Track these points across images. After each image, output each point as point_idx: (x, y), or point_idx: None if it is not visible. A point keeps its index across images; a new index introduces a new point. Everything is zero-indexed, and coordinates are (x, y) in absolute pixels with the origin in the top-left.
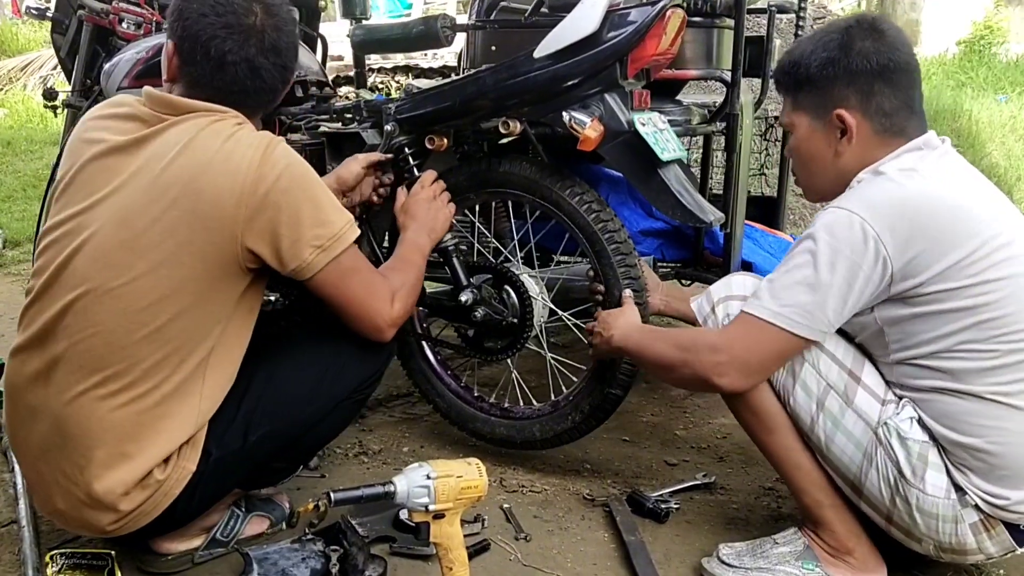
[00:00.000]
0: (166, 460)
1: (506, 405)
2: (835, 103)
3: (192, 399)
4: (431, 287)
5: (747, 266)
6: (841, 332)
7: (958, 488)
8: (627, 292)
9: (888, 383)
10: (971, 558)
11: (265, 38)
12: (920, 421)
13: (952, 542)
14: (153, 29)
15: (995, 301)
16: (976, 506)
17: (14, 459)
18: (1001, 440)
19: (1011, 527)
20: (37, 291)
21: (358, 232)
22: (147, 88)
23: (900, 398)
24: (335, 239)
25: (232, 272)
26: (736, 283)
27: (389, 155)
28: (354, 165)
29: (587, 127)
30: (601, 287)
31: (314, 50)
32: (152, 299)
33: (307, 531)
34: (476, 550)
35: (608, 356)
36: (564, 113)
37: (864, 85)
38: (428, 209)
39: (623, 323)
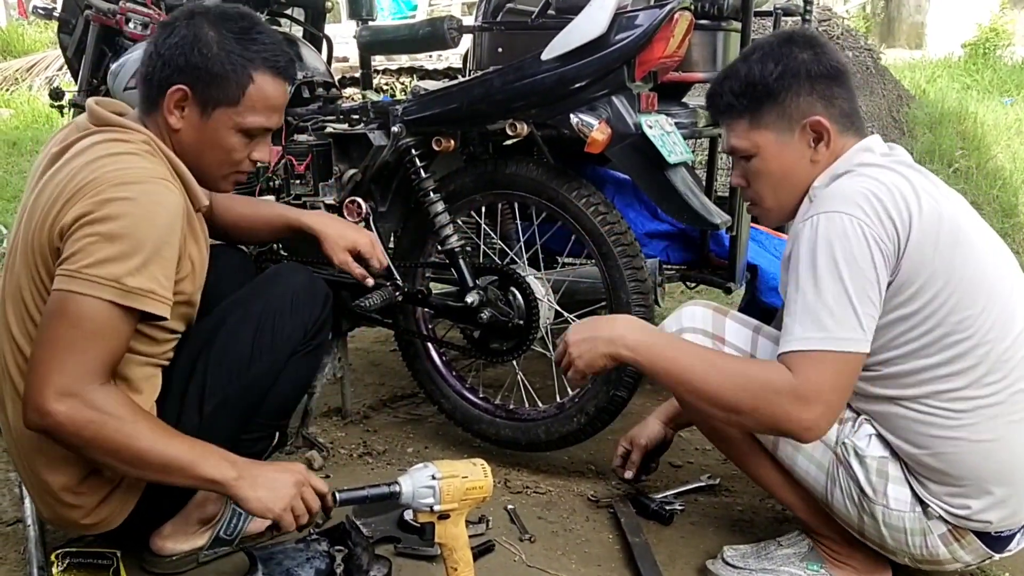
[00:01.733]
0: None
1: (511, 407)
2: (803, 112)
3: None
4: (437, 288)
5: (752, 268)
6: None
7: (921, 501)
8: None
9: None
10: (948, 567)
11: (167, 25)
12: (879, 436)
13: (924, 554)
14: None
15: (952, 306)
16: (941, 517)
17: (13, 460)
18: (955, 450)
19: (982, 534)
20: None
21: (126, 304)
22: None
23: (857, 415)
24: (85, 279)
25: None
26: (686, 315)
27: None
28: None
29: (594, 129)
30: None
31: (320, 51)
32: (32, 300)
33: (312, 531)
34: (481, 551)
35: (598, 371)
36: (571, 115)
37: (824, 90)
38: (275, 479)
39: (630, 328)
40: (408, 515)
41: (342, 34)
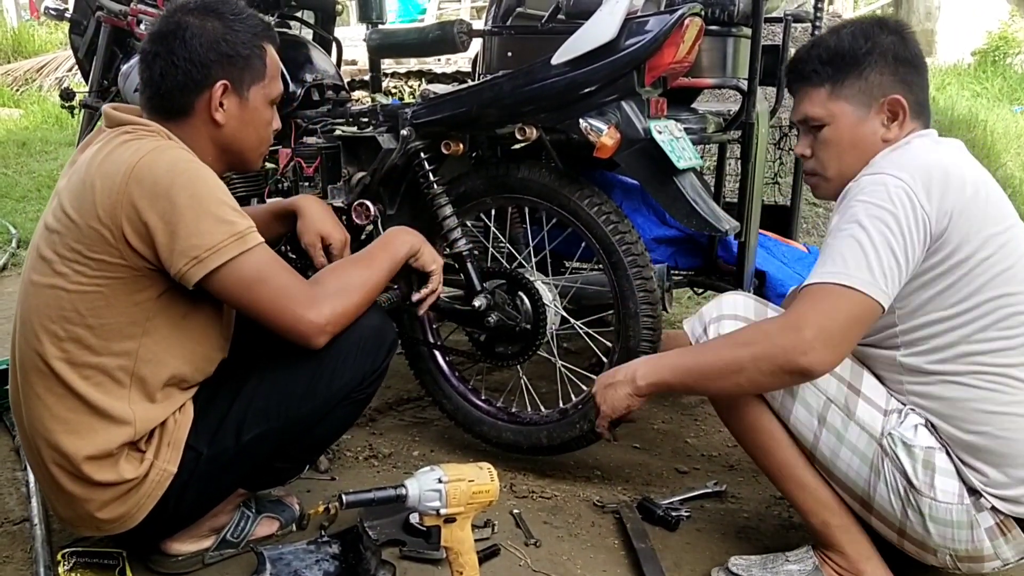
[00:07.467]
0: (140, 460)
1: (514, 410)
2: (884, 90)
3: (118, 403)
4: (445, 291)
5: (760, 275)
6: None
7: (972, 491)
8: None
9: (891, 392)
10: (988, 565)
11: (169, 35)
12: (927, 425)
13: (968, 549)
14: None
15: (1004, 271)
16: (992, 508)
17: (26, 457)
18: (1011, 426)
19: None
20: None
21: (245, 247)
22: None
23: (903, 405)
24: (213, 251)
25: (128, 274)
26: (727, 303)
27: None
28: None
29: (604, 134)
30: None
31: (329, 54)
32: (60, 293)
33: (323, 533)
34: (486, 555)
35: (628, 409)
36: (581, 120)
37: (905, 74)
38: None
39: (640, 362)
40: (414, 518)
41: (351, 37)
